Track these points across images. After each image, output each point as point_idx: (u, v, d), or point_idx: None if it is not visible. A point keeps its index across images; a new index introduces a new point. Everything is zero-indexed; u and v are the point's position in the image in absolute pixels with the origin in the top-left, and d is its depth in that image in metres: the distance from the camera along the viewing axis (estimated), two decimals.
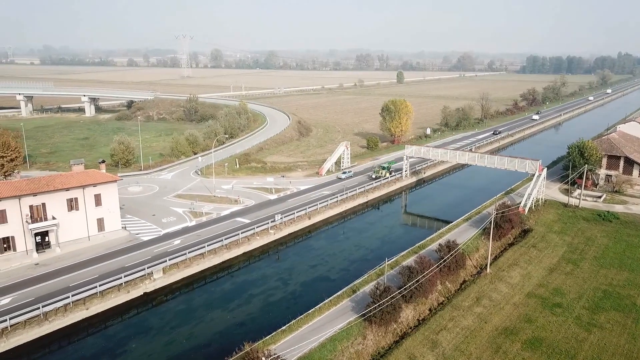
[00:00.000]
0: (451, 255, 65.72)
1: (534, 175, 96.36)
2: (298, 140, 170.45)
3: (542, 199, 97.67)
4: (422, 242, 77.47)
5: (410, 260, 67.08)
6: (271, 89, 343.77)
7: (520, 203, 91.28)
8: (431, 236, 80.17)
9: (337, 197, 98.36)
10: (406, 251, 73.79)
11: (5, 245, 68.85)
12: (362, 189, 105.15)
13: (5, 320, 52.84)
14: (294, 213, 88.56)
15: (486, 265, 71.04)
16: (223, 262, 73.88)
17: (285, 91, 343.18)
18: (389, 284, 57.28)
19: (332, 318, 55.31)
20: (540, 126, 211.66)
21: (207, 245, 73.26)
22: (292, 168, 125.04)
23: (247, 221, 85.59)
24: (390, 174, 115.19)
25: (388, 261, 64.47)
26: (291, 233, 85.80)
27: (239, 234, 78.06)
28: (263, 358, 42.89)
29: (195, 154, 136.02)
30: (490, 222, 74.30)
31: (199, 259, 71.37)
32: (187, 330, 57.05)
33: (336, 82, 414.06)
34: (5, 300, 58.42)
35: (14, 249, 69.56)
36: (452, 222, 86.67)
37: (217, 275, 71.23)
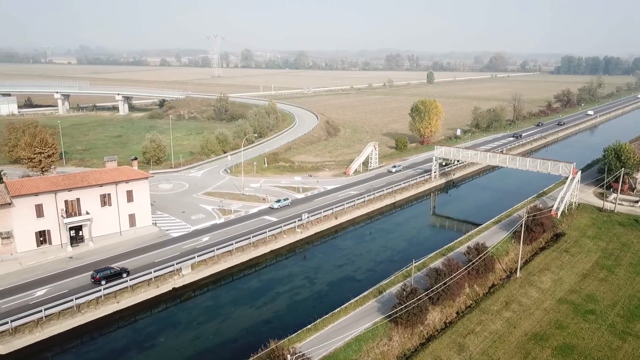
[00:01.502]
0: (480, 258, 64.67)
1: (567, 178, 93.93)
2: (326, 140, 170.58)
3: (575, 202, 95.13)
4: (450, 244, 76.51)
5: (437, 263, 66.32)
6: (300, 89, 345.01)
7: (552, 206, 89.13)
8: (460, 238, 79.07)
9: (364, 197, 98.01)
10: (434, 253, 72.97)
11: (41, 239, 71.15)
12: (390, 190, 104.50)
13: (41, 311, 54.65)
14: (320, 212, 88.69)
15: (516, 269, 69.61)
16: (250, 260, 74.56)
17: (314, 91, 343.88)
18: (415, 286, 56.80)
19: (357, 318, 55.16)
20: (574, 128, 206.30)
21: (235, 243, 74.08)
22: (319, 168, 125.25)
23: (275, 219, 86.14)
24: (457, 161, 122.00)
25: (415, 263, 63.95)
26: (318, 232, 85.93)
27: (266, 232, 78.67)
28: (288, 356, 43.06)
29: (224, 152, 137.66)
30: (521, 226, 72.76)
31: (227, 256, 72.21)
32: (214, 326, 57.79)
33: (365, 82, 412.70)
34: (41, 291, 60.35)
35: (50, 243, 71.82)
36: (481, 225, 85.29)
37: (244, 273, 71.93)
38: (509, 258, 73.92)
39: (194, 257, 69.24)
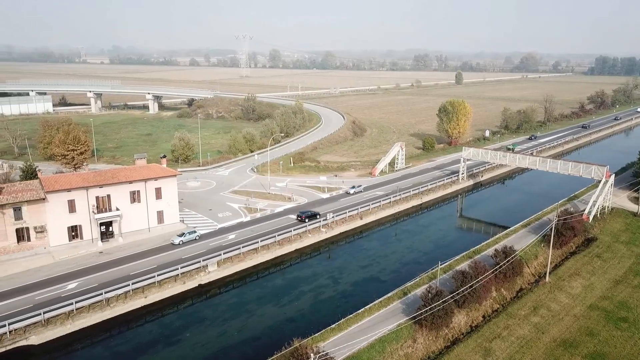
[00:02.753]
0: (508, 261, 63.53)
1: (599, 181, 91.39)
2: (352, 140, 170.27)
3: (608, 206, 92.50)
4: (477, 246, 75.40)
5: (464, 265, 65.42)
6: (327, 89, 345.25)
7: (584, 210, 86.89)
8: (487, 241, 77.84)
9: (390, 198, 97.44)
10: (460, 255, 72.03)
11: (73, 233, 73.11)
12: (417, 191, 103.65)
13: (72, 303, 56.14)
14: (345, 212, 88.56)
15: (545, 273, 68.10)
16: (275, 258, 75.00)
17: (340, 91, 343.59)
18: (441, 288, 56.17)
19: (381, 319, 54.88)
20: (607, 130, 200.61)
21: (261, 241, 74.65)
22: (345, 168, 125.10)
23: None
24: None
25: (441, 265, 63.26)
26: (342, 232, 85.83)
27: (291, 231, 79.01)
28: (312, 354, 43.12)
29: (251, 151, 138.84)
30: (551, 229, 71.15)
31: (252, 254, 72.81)
32: (239, 322, 58.34)
33: (393, 83, 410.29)
34: (72, 284, 62.02)
35: (81, 237, 73.73)
36: (509, 228, 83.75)
37: (269, 271, 72.40)
38: (537, 262, 72.37)
39: (220, 255, 70.07)
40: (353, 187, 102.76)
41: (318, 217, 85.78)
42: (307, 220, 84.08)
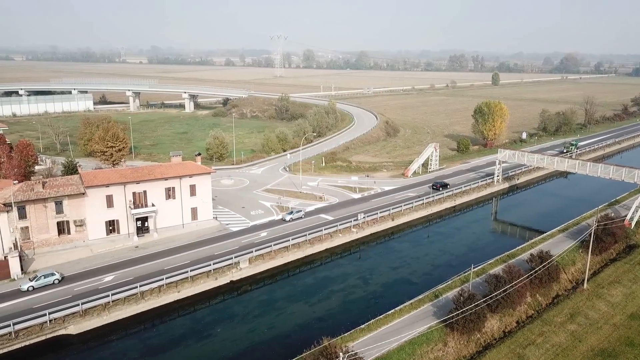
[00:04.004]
0: (544, 266, 61.87)
1: None
2: (385, 140, 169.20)
3: None
4: (511, 251, 73.73)
5: (498, 269, 64.05)
6: (360, 89, 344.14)
7: (625, 216, 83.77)
8: (522, 245, 76.02)
9: (422, 199, 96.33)
10: (494, 259, 70.58)
11: (110, 228, 75.24)
12: (450, 193, 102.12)
13: (108, 295, 57.78)
14: (377, 213, 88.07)
15: (583, 280, 66.00)
16: (306, 257, 75.24)
17: (374, 91, 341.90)
18: (473, 292, 55.19)
19: (412, 321, 54.32)
20: None
21: (292, 239, 75.03)
22: (377, 168, 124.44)
23: (331, 218, 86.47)
24: (576, 148, 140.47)
25: (474, 268, 62.13)
26: (373, 233, 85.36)
27: (322, 230, 79.11)
28: (341, 354, 43.03)
29: (284, 151, 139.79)
30: (590, 235, 68.90)
31: (284, 252, 73.27)
32: (269, 320, 58.78)
33: (427, 83, 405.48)
34: (109, 277, 63.84)
35: (118, 232, 75.79)
36: (546, 232, 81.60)
37: (299, 269, 72.68)
38: (575, 268, 70.22)
39: (252, 252, 70.80)
40: (291, 212, 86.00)
41: (448, 187, 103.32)
42: (440, 188, 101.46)
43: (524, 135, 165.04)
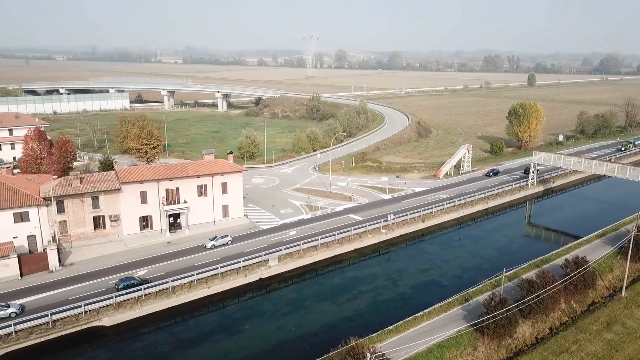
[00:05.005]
0: (579, 272, 60.06)
1: None
2: (416, 141, 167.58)
3: None
4: (545, 255, 71.88)
5: (531, 274, 62.60)
6: (392, 89, 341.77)
7: None
8: (557, 250, 74.04)
9: (454, 201, 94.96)
10: (527, 264, 68.95)
11: (144, 223, 76.95)
12: (483, 195, 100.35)
13: (141, 289, 59.10)
14: (407, 214, 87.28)
15: (621, 288, 63.77)
16: (334, 256, 75.23)
17: (406, 92, 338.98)
18: (505, 296, 54.06)
19: (441, 324, 53.61)
20: None
21: (320, 239, 75.14)
22: (408, 169, 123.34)
23: (360, 218, 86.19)
24: (634, 147, 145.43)
25: (506, 272, 60.87)
26: (403, 234, 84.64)
27: (351, 230, 78.92)
28: (368, 354, 42.83)
29: (314, 150, 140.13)
30: (629, 241, 66.46)
31: (312, 251, 73.44)
32: (297, 318, 59.03)
33: (460, 84, 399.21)
34: (142, 272, 65.31)
35: (151, 227, 77.46)
36: (582, 238, 79.21)
37: (328, 269, 72.71)
38: (613, 275, 67.94)
39: (281, 250, 71.24)
40: (215, 237, 74.79)
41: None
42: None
43: (561, 138, 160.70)
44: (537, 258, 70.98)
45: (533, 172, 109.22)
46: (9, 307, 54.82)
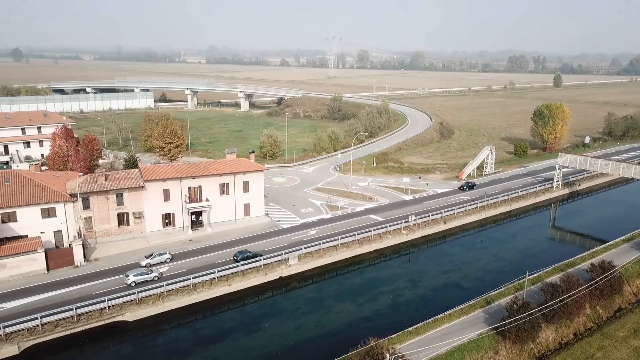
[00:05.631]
0: (605, 277, 58.73)
1: None
2: (439, 142, 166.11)
3: None
4: (570, 259, 70.40)
5: (554, 278, 61.45)
6: (414, 90, 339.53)
7: None
8: (582, 254, 72.43)
9: (476, 203, 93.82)
10: (551, 267, 67.66)
11: (167, 221, 78.00)
12: (506, 197, 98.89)
13: (163, 286, 59.93)
14: (428, 216, 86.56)
15: None
16: (354, 257, 75.04)
17: (428, 92, 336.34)
18: (528, 300, 53.22)
19: (461, 327, 53.00)
20: None
21: (340, 239, 75.05)
22: (430, 170, 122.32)
23: (380, 219, 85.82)
24: None
25: (529, 276, 59.91)
26: (424, 236, 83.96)
27: (371, 231, 78.63)
28: (387, 355, 42.62)
29: (335, 150, 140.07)
30: None
31: (332, 251, 73.40)
32: (316, 317, 59.06)
33: (484, 84, 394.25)
34: (164, 268, 66.19)
35: (174, 225, 78.47)
36: (609, 242, 77.39)
37: (347, 269, 72.58)
38: None
39: (301, 249, 71.40)
40: (152, 254, 68.05)
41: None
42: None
43: (587, 140, 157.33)
44: (562, 262, 69.59)
45: (558, 174, 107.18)
46: (152, 271, 62.66)
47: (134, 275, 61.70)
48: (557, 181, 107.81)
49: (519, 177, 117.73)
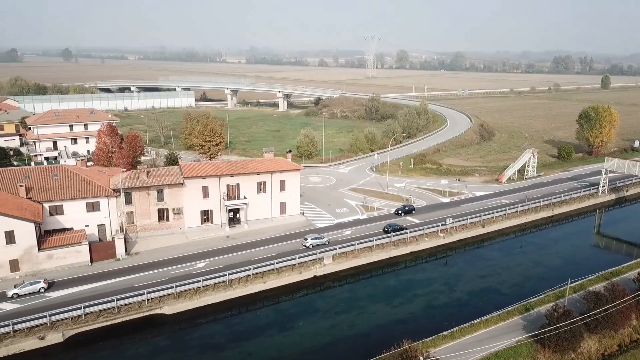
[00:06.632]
0: None
1: None
2: (478, 144, 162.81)
3: None
4: (616, 268, 67.79)
5: (598, 286, 59.22)
6: (454, 91, 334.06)
7: None
8: (628, 263, 69.64)
9: (517, 207, 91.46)
10: (594, 275, 65.29)
11: (205, 217, 79.51)
12: (548, 202, 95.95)
13: (200, 281, 61.15)
14: (466, 219, 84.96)
15: None
16: (390, 258, 74.46)
17: (469, 93, 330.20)
18: (569, 308, 51.53)
19: (498, 333, 51.80)
20: None
21: (376, 240, 74.61)
22: (469, 172, 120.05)
23: (417, 221, 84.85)
24: None
25: (571, 283, 58.01)
26: (462, 239, 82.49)
27: (407, 233, 77.81)
28: (421, 358, 42.15)
29: (372, 151, 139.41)
30: None
31: (367, 252, 73.07)
32: (350, 318, 58.91)
33: (527, 86, 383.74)
34: (202, 264, 67.53)
35: (212, 221, 79.90)
36: None
37: (382, 270, 72.10)
38: None
39: (336, 249, 71.40)
40: (23, 283, 59.14)
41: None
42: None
43: (637, 144, 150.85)
44: (606, 270, 67.08)
45: (604, 179, 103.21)
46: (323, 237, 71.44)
47: (312, 239, 73.29)
48: (603, 186, 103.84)
49: (562, 181, 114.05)
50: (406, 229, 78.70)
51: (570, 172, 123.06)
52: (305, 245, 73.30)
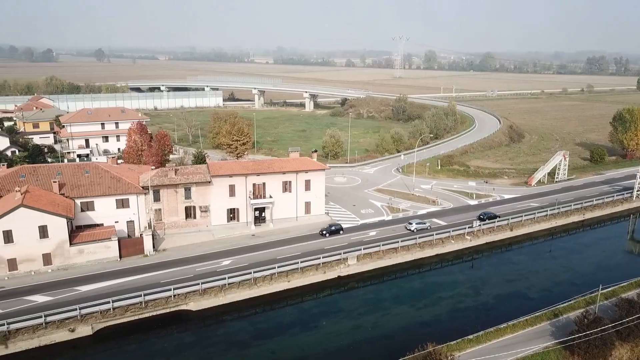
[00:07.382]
0: None
1: None
2: (507, 145, 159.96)
3: None
4: None
5: (631, 294, 57.46)
6: (483, 92, 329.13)
7: None
8: None
9: (546, 210, 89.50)
10: (628, 282, 63.39)
11: (231, 215, 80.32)
12: (579, 206, 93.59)
13: (225, 278, 61.81)
14: (494, 222, 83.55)
15: None
16: (415, 260, 73.84)
17: (498, 94, 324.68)
18: (600, 315, 50.15)
19: (526, 338, 50.80)
20: None
21: (401, 241, 74.08)
22: (497, 174, 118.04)
23: (443, 223, 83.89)
24: None
25: (602, 290, 56.34)
26: (489, 242, 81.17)
27: (433, 235, 76.99)
28: None
29: (398, 152, 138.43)
30: None
31: (392, 253, 72.62)
32: (373, 319, 58.66)
33: (559, 87, 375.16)
34: (227, 261, 68.26)
35: (238, 220, 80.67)
36: None
37: (407, 272, 71.56)
38: None
39: (361, 249, 71.18)
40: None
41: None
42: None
43: None
44: None
45: (639, 183, 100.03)
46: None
47: (416, 223, 78.93)
48: (637, 190, 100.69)
49: (594, 185, 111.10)
50: (499, 216, 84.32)
51: (603, 175, 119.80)
52: (409, 229, 79.01)
